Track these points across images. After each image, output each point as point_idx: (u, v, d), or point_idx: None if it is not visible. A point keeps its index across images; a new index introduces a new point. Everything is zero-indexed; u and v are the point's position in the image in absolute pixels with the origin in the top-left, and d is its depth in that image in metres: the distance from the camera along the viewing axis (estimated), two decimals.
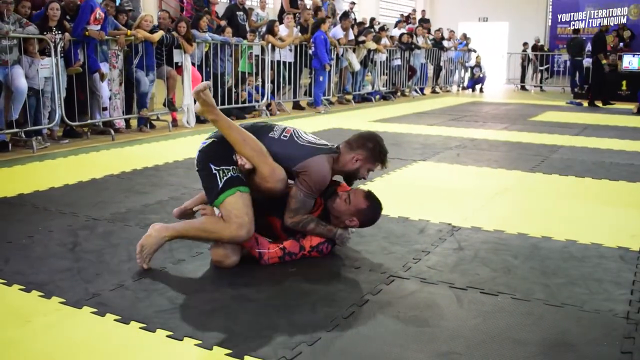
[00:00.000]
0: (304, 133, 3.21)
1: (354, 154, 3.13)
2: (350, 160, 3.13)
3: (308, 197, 3.05)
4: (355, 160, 3.13)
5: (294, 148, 3.08)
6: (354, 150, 3.15)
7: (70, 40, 6.65)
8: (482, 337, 2.33)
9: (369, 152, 3.14)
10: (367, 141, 3.17)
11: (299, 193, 3.03)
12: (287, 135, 3.14)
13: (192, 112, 8.30)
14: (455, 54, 17.33)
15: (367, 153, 3.14)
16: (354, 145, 3.16)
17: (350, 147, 3.16)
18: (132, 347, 2.23)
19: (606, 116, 10.84)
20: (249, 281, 2.86)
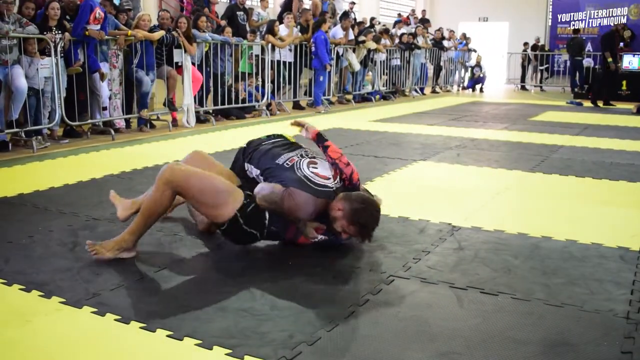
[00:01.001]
0: (306, 165, 3.22)
1: (340, 203, 3.08)
2: (334, 207, 3.09)
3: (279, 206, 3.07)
4: (337, 210, 3.07)
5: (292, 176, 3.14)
6: (344, 200, 3.08)
7: (70, 40, 6.65)
8: (482, 336, 2.33)
9: (351, 211, 3.04)
10: (358, 203, 3.07)
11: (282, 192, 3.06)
12: (290, 164, 3.22)
13: (192, 112, 8.30)
14: (455, 53, 17.33)
15: (349, 211, 3.04)
16: (348, 197, 3.10)
17: (345, 197, 3.10)
18: (132, 347, 2.23)
19: (606, 116, 10.84)
20: (249, 281, 2.86)
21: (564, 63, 18.28)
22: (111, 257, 3.03)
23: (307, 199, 3.07)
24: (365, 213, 3.06)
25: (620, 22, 18.01)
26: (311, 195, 3.08)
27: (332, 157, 3.21)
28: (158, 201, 3.04)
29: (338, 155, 3.21)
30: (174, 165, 3.10)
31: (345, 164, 3.20)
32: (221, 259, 3.16)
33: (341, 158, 3.22)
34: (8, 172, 5.21)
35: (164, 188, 3.01)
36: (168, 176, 3.01)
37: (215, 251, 3.27)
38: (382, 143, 7.08)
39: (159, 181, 3.03)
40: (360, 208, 3.05)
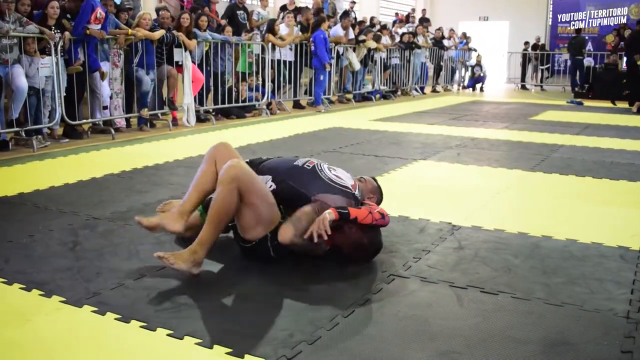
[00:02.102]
0: (327, 168, 3.19)
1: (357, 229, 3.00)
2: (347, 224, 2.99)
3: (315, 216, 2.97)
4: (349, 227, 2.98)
5: (315, 180, 3.08)
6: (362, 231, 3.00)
7: (71, 39, 6.65)
8: (482, 336, 2.33)
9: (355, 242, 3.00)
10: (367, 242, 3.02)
11: (312, 213, 2.96)
12: (310, 166, 3.15)
13: (192, 111, 8.30)
14: (456, 53, 17.33)
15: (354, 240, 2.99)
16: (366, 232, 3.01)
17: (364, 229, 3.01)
18: (133, 346, 2.23)
19: (607, 115, 10.84)
20: (250, 280, 2.86)
21: (564, 62, 18.26)
22: (185, 270, 2.81)
23: (337, 200, 3.02)
24: (364, 251, 3.04)
25: (620, 22, 18.00)
26: (340, 196, 3.04)
27: (367, 223, 2.99)
28: (228, 203, 2.83)
29: (371, 219, 2.99)
30: (237, 162, 2.91)
31: (381, 218, 3.03)
32: (221, 258, 3.15)
33: (374, 216, 3.00)
34: (8, 172, 5.21)
35: (232, 187, 2.81)
36: (235, 173, 2.83)
37: (215, 250, 3.26)
38: (383, 142, 7.07)
39: (225, 180, 2.83)
40: (365, 244, 3.01)
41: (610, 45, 17.68)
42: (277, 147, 6.54)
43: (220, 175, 2.88)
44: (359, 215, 2.97)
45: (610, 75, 14.82)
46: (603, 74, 15.08)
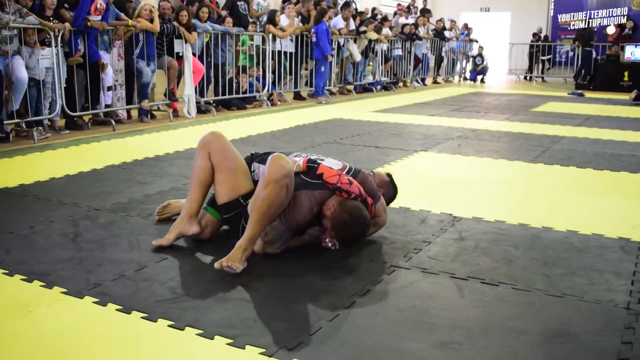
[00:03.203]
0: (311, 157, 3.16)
1: (333, 206, 2.98)
2: (328, 205, 3.00)
3: (286, 230, 2.98)
4: (328, 209, 2.99)
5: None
6: (338, 205, 2.97)
7: (71, 31, 6.63)
8: (482, 327, 2.34)
9: (337, 218, 2.95)
10: (348, 215, 2.94)
11: (280, 226, 2.96)
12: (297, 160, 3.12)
13: (193, 103, 8.29)
14: (457, 44, 17.28)
15: (336, 217, 2.95)
16: (343, 204, 2.97)
17: (340, 202, 2.98)
18: (134, 337, 2.23)
19: (608, 107, 10.82)
20: (250, 271, 2.86)
21: (566, 54, 18.20)
22: (241, 269, 2.79)
23: (305, 201, 2.96)
24: (348, 228, 2.97)
25: (622, 13, 17.88)
26: (308, 191, 2.98)
27: (332, 183, 2.99)
28: (280, 200, 2.82)
29: (337, 179, 3.00)
30: (281, 156, 2.88)
31: (347, 184, 3.01)
32: (222, 249, 3.15)
33: (341, 179, 3.00)
34: (9, 163, 5.21)
35: (283, 184, 2.80)
36: (288, 170, 2.83)
37: (216, 241, 3.27)
38: (383, 133, 7.07)
39: (279, 175, 2.79)
40: (346, 220, 2.94)
41: (612, 37, 17.63)
42: (278, 139, 6.54)
43: (271, 172, 2.82)
44: (325, 172, 2.99)
45: (611, 67, 14.79)
46: (604, 65, 15.05)
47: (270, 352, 2.12)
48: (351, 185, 3.02)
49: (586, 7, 18.84)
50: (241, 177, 3.13)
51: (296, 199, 2.96)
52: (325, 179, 2.99)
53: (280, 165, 2.83)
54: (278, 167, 2.83)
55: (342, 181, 3.00)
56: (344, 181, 3.01)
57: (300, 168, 3.02)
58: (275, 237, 2.97)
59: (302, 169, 3.02)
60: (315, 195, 3.00)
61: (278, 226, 2.96)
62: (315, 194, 3.00)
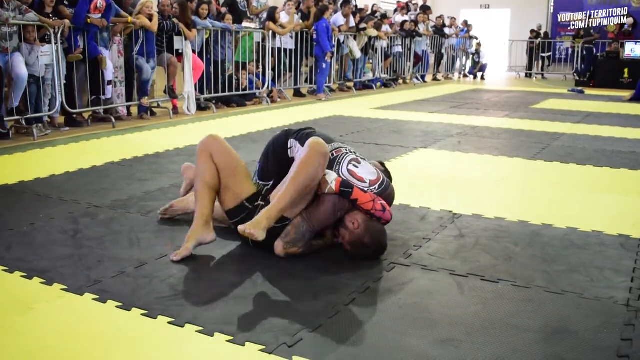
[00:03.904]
0: (348, 161, 3.10)
1: (358, 224, 2.93)
2: (352, 219, 2.95)
3: (308, 231, 2.95)
4: (352, 223, 2.94)
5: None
6: (363, 225, 2.93)
7: (71, 27, 6.62)
8: (482, 323, 2.34)
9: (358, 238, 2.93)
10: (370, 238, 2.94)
11: (303, 225, 2.94)
12: (335, 155, 3.09)
13: (193, 100, 8.29)
14: (457, 41, 17.27)
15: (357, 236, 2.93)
16: (369, 227, 2.94)
17: (366, 224, 2.93)
18: (134, 334, 2.23)
19: (608, 104, 10.82)
20: (250, 268, 2.86)
21: (566, 50, 18.18)
22: (262, 237, 2.79)
23: (331, 205, 2.93)
24: (366, 249, 2.96)
25: (622, 12, 17.83)
26: (335, 197, 2.93)
27: (366, 210, 2.93)
28: (315, 173, 2.85)
29: (371, 205, 2.93)
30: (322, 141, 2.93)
31: (381, 211, 2.96)
32: (222, 246, 3.16)
33: (375, 206, 2.94)
34: (9, 160, 5.21)
35: (323, 161, 2.87)
36: (327, 151, 2.90)
37: (216, 241, 3.26)
38: (383, 131, 7.06)
39: (318, 153, 2.86)
40: (367, 243, 2.94)
41: (612, 34, 17.60)
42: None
43: (312, 147, 2.87)
44: (360, 198, 2.93)
45: (611, 64, 14.78)
46: (605, 62, 15.04)
47: (270, 349, 2.12)
48: (384, 213, 2.98)
49: (586, 7, 18.80)
50: (244, 180, 3.09)
51: (321, 200, 2.93)
52: (360, 205, 2.93)
53: (320, 145, 2.88)
54: (318, 146, 2.87)
55: (376, 208, 2.95)
56: (377, 208, 2.95)
57: (333, 191, 2.91)
58: (298, 236, 2.93)
59: (334, 192, 2.91)
60: (342, 201, 2.94)
61: (300, 224, 2.93)
62: (341, 201, 2.94)
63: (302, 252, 2.98)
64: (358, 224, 2.93)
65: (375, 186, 3.07)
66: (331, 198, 2.92)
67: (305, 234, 2.95)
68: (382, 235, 3.01)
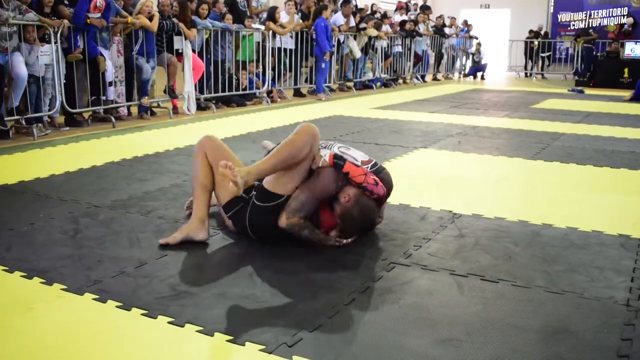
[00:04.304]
0: (337, 147, 3.22)
1: (349, 197, 3.00)
2: (345, 193, 3.02)
3: (307, 202, 3.00)
4: (344, 197, 3.00)
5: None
6: (354, 198, 3.00)
7: (70, 27, 6.61)
8: (482, 323, 2.34)
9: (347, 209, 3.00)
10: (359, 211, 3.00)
11: (301, 195, 3.01)
12: (324, 145, 3.21)
13: (193, 99, 8.28)
14: (457, 41, 17.26)
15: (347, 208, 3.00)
16: (358, 200, 3.00)
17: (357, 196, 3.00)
18: (134, 333, 2.23)
19: (608, 104, 10.82)
20: (250, 268, 2.86)
21: (566, 50, 18.17)
22: (239, 184, 2.85)
23: (329, 174, 3.02)
24: (354, 223, 3.02)
25: (622, 13, 17.81)
26: (335, 169, 3.03)
27: (357, 182, 3.02)
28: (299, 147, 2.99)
29: (363, 179, 3.03)
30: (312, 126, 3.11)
31: (373, 184, 3.05)
32: (222, 246, 3.16)
33: (367, 179, 3.04)
34: (9, 160, 5.21)
35: (309, 140, 3.01)
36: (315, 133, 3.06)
37: (216, 238, 3.27)
38: (383, 130, 7.06)
39: (307, 133, 3.03)
40: (354, 217, 2.99)
41: (612, 34, 17.60)
42: (278, 136, 6.53)
43: (302, 128, 3.07)
44: (352, 171, 3.02)
45: (611, 64, 14.78)
46: (604, 62, 15.04)
47: (270, 348, 2.12)
48: (377, 187, 3.06)
49: (586, 7, 18.79)
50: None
51: (318, 172, 3.05)
52: (351, 178, 3.02)
53: (310, 126, 3.08)
54: (308, 127, 3.07)
55: (368, 181, 3.04)
56: (369, 181, 3.04)
57: (327, 163, 3.04)
58: (297, 206, 2.99)
59: (328, 164, 3.04)
60: (341, 173, 3.03)
61: (299, 194, 3.01)
62: (341, 173, 3.03)
63: (305, 228, 3.00)
64: (349, 197, 3.00)
65: (367, 165, 3.18)
66: (328, 169, 3.04)
67: (305, 205, 2.99)
68: (370, 211, 3.08)
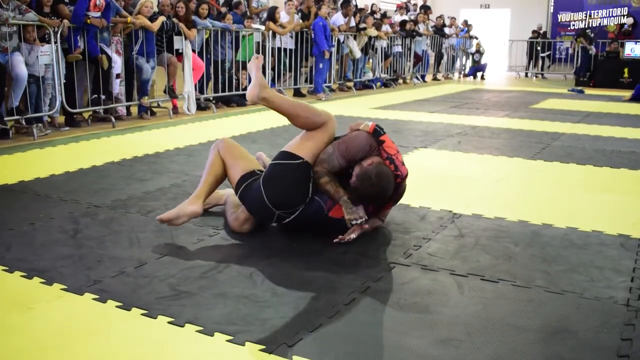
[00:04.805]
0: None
1: (370, 163, 3.12)
2: (367, 160, 3.16)
3: (336, 156, 3.17)
4: (366, 163, 3.13)
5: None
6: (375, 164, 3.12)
7: (70, 27, 6.61)
8: (482, 323, 2.34)
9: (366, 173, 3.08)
10: (376, 177, 3.08)
11: (330, 148, 3.21)
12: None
13: (193, 99, 8.28)
14: (457, 41, 17.26)
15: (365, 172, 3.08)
16: (380, 167, 3.12)
17: (379, 164, 3.13)
18: (134, 333, 2.24)
19: (608, 104, 10.82)
20: (250, 268, 2.86)
21: (566, 50, 18.16)
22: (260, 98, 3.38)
23: (365, 136, 3.22)
24: (368, 186, 3.07)
25: (622, 13, 17.81)
26: (369, 135, 3.23)
27: (388, 153, 3.21)
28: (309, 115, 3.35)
29: (394, 152, 3.23)
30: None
31: (401, 163, 3.25)
32: (221, 246, 3.16)
33: (397, 155, 3.24)
34: (9, 160, 5.21)
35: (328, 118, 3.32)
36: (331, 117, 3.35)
37: (216, 238, 3.27)
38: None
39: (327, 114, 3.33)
40: (371, 180, 3.06)
41: (612, 34, 17.59)
42: (278, 135, 6.53)
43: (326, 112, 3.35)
44: (388, 141, 3.23)
45: (611, 64, 14.78)
46: (604, 62, 15.04)
47: (270, 348, 2.12)
48: (403, 166, 3.26)
49: (586, 7, 18.78)
50: (249, 161, 3.42)
51: (359, 134, 3.25)
52: (385, 147, 3.20)
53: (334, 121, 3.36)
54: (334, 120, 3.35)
55: (398, 157, 3.25)
56: (399, 158, 3.25)
57: (368, 128, 3.25)
58: (324, 156, 3.20)
59: (368, 130, 3.25)
60: (377, 141, 3.22)
61: (329, 148, 3.22)
62: (377, 140, 3.22)
63: (324, 175, 3.15)
64: (372, 162, 3.13)
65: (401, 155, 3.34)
66: (364, 133, 3.24)
67: (332, 155, 3.18)
68: (388, 180, 3.15)
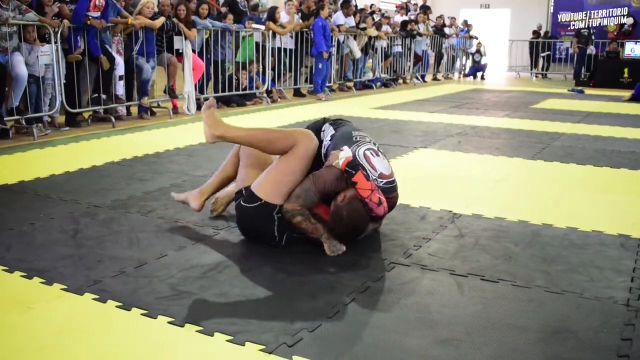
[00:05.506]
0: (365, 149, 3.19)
1: (345, 198, 2.97)
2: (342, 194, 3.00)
3: (313, 191, 3.01)
4: (340, 197, 2.99)
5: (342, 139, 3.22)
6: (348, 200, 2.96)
7: (70, 27, 6.61)
8: (482, 323, 2.34)
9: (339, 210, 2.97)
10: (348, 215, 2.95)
11: (307, 182, 3.04)
12: (358, 138, 3.25)
13: (193, 99, 8.28)
14: (457, 41, 17.26)
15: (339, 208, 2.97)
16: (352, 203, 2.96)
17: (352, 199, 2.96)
18: (134, 334, 2.24)
19: (608, 104, 10.82)
20: (250, 268, 2.86)
21: (566, 50, 18.15)
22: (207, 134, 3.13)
23: (337, 173, 3.02)
24: (340, 224, 2.97)
25: (622, 13, 17.80)
26: (338, 171, 3.02)
27: (362, 195, 2.97)
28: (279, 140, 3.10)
29: (367, 194, 2.97)
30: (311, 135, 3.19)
31: (376, 204, 2.99)
32: (221, 246, 3.16)
33: (371, 197, 2.98)
34: (9, 160, 5.21)
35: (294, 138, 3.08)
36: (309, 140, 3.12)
37: (215, 238, 3.27)
38: (383, 130, 7.06)
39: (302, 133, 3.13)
40: (343, 218, 2.95)
41: (612, 34, 17.59)
42: None
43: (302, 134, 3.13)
44: (360, 183, 2.97)
45: (611, 64, 14.77)
46: (604, 62, 15.04)
47: (270, 348, 2.12)
48: (378, 206, 3.01)
49: (586, 7, 18.78)
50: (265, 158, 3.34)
51: (329, 168, 3.08)
52: (357, 189, 2.97)
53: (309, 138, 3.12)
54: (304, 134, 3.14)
55: (372, 198, 2.98)
56: (373, 199, 2.99)
57: (339, 167, 3.02)
58: (299, 192, 3.02)
59: (340, 168, 3.02)
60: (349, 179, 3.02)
61: (305, 182, 3.06)
62: (349, 179, 3.02)
63: (298, 215, 2.99)
64: (344, 198, 2.98)
65: (383, 180, 3.14)
66: (338, 170, 3.03)
67: (308, 192, 3.02)
68: (360, 218, 3.01)
